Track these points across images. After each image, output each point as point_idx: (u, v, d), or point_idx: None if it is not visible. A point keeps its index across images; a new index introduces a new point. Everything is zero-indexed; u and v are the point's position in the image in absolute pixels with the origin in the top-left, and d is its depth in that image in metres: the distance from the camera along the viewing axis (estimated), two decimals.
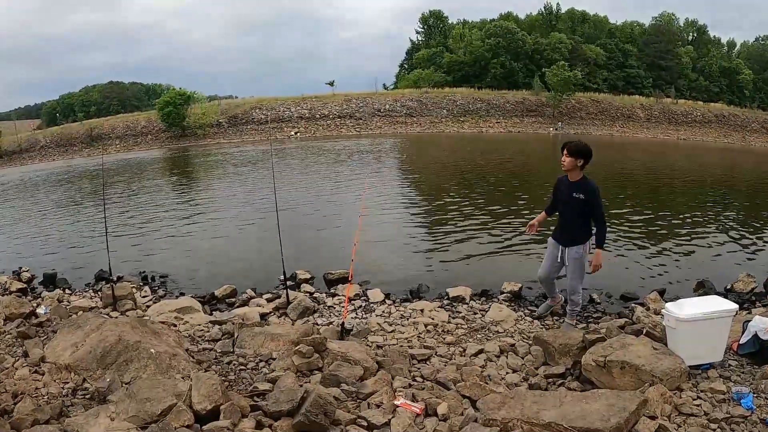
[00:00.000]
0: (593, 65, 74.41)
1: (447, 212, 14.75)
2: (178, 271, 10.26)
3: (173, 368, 4.99)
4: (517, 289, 8.32)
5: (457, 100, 62.12)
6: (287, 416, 4.01)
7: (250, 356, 5.55)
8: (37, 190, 24.63)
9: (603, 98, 65.93)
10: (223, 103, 65.24)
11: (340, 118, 58.87)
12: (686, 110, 64.75)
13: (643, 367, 4.61)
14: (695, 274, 9.29)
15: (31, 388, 4.55)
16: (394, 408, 4.32)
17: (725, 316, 4.93)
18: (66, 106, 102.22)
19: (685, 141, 54.72)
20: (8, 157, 51.99)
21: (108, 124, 59.60)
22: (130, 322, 5.57)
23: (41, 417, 3.82)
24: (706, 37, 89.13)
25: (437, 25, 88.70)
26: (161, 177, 27.78)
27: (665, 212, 14.83)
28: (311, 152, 35.78)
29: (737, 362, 5.09)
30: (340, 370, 4.87)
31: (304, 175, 23.64)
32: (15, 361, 5.23)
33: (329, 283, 9.00)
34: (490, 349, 5.99)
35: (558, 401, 4.23)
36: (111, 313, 7.48)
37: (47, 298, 8.45)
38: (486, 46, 73.97)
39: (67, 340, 5.29)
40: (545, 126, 58.79)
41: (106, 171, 29.58)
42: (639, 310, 7.24)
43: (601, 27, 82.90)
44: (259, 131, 55.52)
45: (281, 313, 7.52)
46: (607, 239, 6.34)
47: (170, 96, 54.74)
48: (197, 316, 7.26)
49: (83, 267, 10.62)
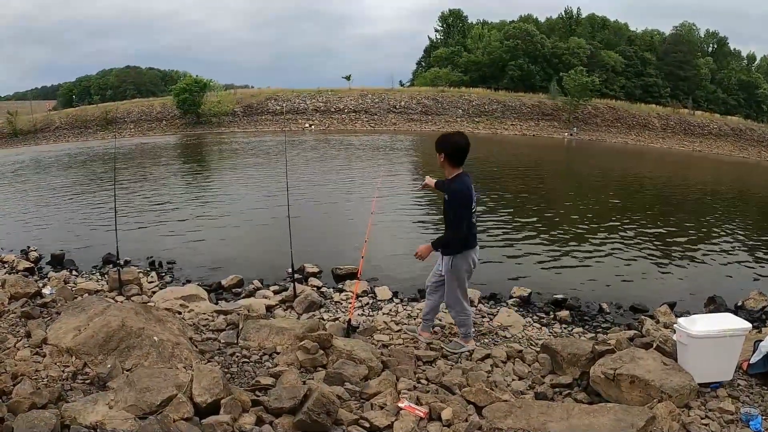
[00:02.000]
0: (611, 72, 73.96)
1: None
2: (186, 259, 10.24)
3: (175, 357, 4.95)
4: (526, 294, 8.25)
5: (473, 100, 61.83)
6: (289, 413, 3.94)
7: (253, 349, 5.49)
8: (50, 171, 24.73)
9: (619, 106, 65.41)
10: (239, 93, 65.24)
11: (355, 112, 58.74)
12: (703, 122, 64.18)
13: (652, 383, 4.51)
14: (706, 289, 9.19)
15: (31, 370, 4.50)
16: (398, 410, 4.25)
17: (738, 335, 4.82)
18: (82, 89, 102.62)
19: (700, 153, 54.31)
20: (23, 136, 52.25)
21: (123, 108, 59.76)
22: (135, 308, 5.53)
23: (39, 401, 3.77)
24: (726, 49, 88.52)
25: (456, 25, 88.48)
26: (174, 163, 27.84)
27: (677, 225, 14.69)
28: (328, 145, 35.75)
29: (747, 382, 4.98)
30: (344, 369, 4.80)
31: (318, 169, 23.60)
32: (17, 341, 5.19)
33: (337, 279, 8.96)
34: (497, 354, 5.91)
35: (565, 413, 4.15)
36: (116, 298, 7.45)
37: (53, 279, 8.45)
38: (504, 48, 73.67)
39: (71, 323, 5.25)
40: (560, 130, 58.46)
41: (119, 155, 29.65)
42: (648, 322, 7.15)
43: (620, 33, 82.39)
44: (274, 122, 55.48)
45: (287, 306, 7.47)
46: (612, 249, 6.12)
47: (186, 83, 54.78)
48: (202, 305, 7.22)
49: (91, 250, 10.63)
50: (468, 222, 5.44)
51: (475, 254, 5.72)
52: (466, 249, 5.59)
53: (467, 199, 5.39)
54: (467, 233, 5.50)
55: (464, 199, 5.38)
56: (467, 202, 5.40)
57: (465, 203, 5.39)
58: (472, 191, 5.45)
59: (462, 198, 5.38)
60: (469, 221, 5.45)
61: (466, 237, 5.54)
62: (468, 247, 5.61)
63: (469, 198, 5.41)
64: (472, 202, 5.46)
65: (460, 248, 5.58)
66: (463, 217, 5.39)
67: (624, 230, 13.41)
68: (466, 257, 5.62)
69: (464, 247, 5.58)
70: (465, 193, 5.39)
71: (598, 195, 20.01)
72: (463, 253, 5.60)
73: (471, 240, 5.63)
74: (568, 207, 16.70)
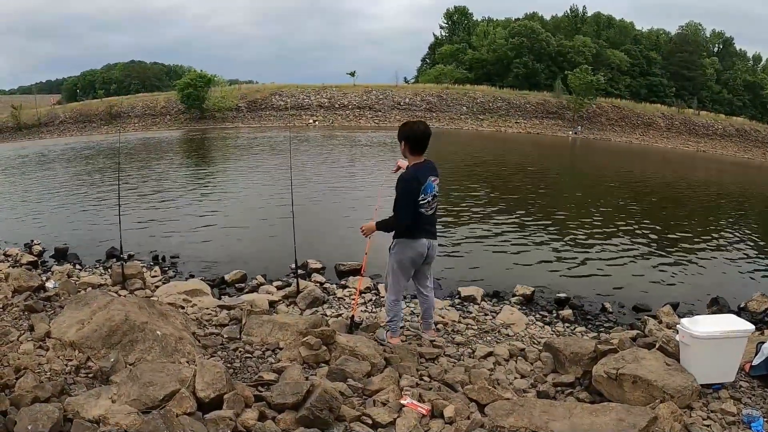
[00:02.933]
0: (616, 71, 73.83)
1: (463, 211, 14.65)
2: (189, 253, 10.25)
3: (178, 351, 4.95)
4: (529, 293, 8.24)
5: (478, 97, 61.79)
6: (291, 409, 3.94)
7: (256, 344, 5.49)
8: (53, 165, 24.76)
9: (624, 105, 65.36)
10: (243, 88, 65.29)
11: (359, 109, 58.78)
12: (707, 122, 64.08)
13: (654, 383, 4.51)
14: (709, 290, 9.17)
15: (34, 364, 4.51)
16: (400, 407, 4.25)
17: (741, 336, 4.81)
18: (87, 83, 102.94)
19: (704, 153, 54.22)
20: (27, 130, 52.36)
21: (127, 102, 59.85)
22: (138, 302, 5.53)
23: (42, 394, 3.77)
24: (731, 50, 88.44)
25: (461, 22, 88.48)
26: (178, 158, 27.86)
27: (681, 225, 14.68)
28: (333, 141, 35.74)
29: (748, 384, 4.97)
30: (347, 365, 4.80)
31: (323, 164, 23.60)
32: (20, 334, 5.20)
33: (340, 275, 8.96)
34: (499, 352, 5.91)
35: (567, 412, 4.15)
36: (119, 292, 7.47)
37: (57, 273, 8.47)
38: (509, 45, 73.57)
39: (74, 317, 5.25)
40: (565, 129, 58.42)
41: (124, 149, 29.67)
42: (651, 322, 7.14)
43: (626, 32, 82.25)
44: (278, 117, 55.59)
45: (290, 302, 7.48)
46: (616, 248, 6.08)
47: (191, 78, 54.95)
48: (206, 300, 7.23)
49: (95, 243, 10.65)
50: (413, 211, 5.35)
51: (422, 247, 5.55)
52: (409, 238, 5.53)
53: (410, 187, 5.31)
54: (411, 223, 5.41)
55: (407, 186, 5.32)
56: (409, 190, 5.31)
57: (407, 190, 5.31)
58: (422, 181, 5.36)
59: (404, 185, 5.33)
60: (414, 211, 5.35)
61: (411, 227, 5.46)
62: (412, 237, 5.52)
63: (413, 187, 5.32)
64: (420, 193, 5.34)
65: (403, 235, 5.52)
66: (405, 205, 5.33)
67: (628, 230, 13.39)
68: (409, 246, 5.53)
69: (408, 236, 5.52)
70: (409, 181, 5.33)
71: (602, 194, 19.98)
72: (405, 241, 5.53)
73: (416, 231, 5.50)
74: (572, 206, 16.69)
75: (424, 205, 5.42)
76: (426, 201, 5.43)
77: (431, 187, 5.45)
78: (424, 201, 5.41)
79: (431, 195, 5.47)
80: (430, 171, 5.47)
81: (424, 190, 5.37)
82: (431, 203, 5.51)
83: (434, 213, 5.65)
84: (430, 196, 5.45)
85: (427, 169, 5.47)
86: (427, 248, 5.61)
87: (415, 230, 5.49)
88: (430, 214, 5.56)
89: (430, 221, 5.60)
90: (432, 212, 5.58)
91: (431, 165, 5.56)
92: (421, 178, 5.36)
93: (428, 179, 5.41)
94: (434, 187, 5.50)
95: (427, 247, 5.60)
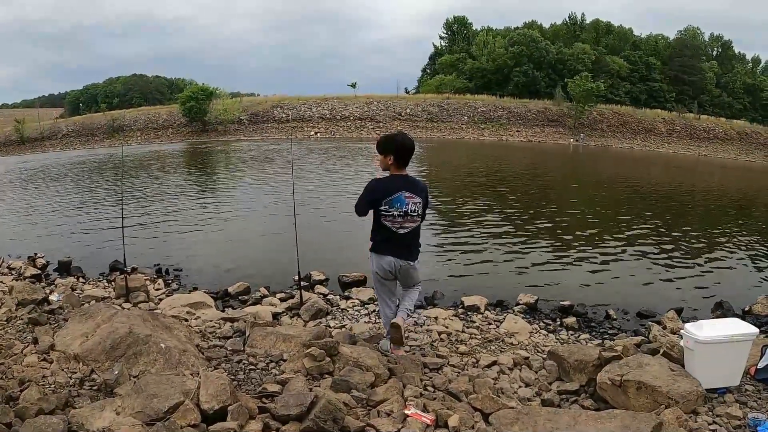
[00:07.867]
0: (616, 77, 73.98)
1: (466, 220, 14.64)
2: (193, 266, 10.26)
3: (182, 364, 4.95)
4: (533, 301, 8.22)
5: (479, 107, 61.95)
6: (295, 420, 3.94)
7: (260, 356, 5.49)
8: (56, 178, 24.81)
9: (625, 111, 65.49)
10: (245, 101, 65.58)
11: (360, 120, 58.93)
12: (708, 126, 64.16)
13: (659, 389, 4.50)
14: (713, 294, 9.15)
15: (39, 376, 4.53)
16: (405, 417, 4.24)
17: (745, 340, 4.81)
18: (89, 97, 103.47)
19: (706, 157, 54.21)
20: (30, 143, 52.59)
21: (130, 115, 60.11)
22: (142, 315, 5.54)
23: (46, 407, 3.79)
24: (730, 53, 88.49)
25: (461, 31, 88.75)
26: (181, 170, 27.91)
27: (684, 230, 14.63)
28: (335, 151, 35.78)
29: (754, 387, 4.96)
30: (351, 376, 4.79)
31: (325, 175, 23.61)
32: (24, 347, 5.21)
33: (344, 286, 8.95)
34: (503, 361, 5.89)
35: (572, 420, 4.14)
36: (123, 304, 7.47)
37: (60, 286, 8.47)
38: (509, 54, 73.85)
39: (78, 330, 5.27)
40: (566, 136, 58.48)
41: (126, 162, 29.75)
42: (655, 328, 7.11)
43: (625, 39, 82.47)
44: (280, 129, 55.73)
45: (294, 314, 7.46)
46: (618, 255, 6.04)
47: (193, 91, 55.22)
48: (209, 312, 7.23)
49: (98, 256, 10.65)
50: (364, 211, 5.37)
51: (388, 265, 5.39)
52: (375, 252, 5.45)
53: (370, 194, 5.29)
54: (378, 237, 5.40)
55: (367, 192, 5.32)
56: (369, 197, 5.28)
57: (367, 189, 5.34)
58: (390, 191, 5.23)
59: (366, 190, 5.34)
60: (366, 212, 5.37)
61: (378, 242, 5.41)
62: (377, 251, 5.43)
63: (372, 194, 5.28)
64: (382, 202, 5.22)
65: (372, 248, 5.49)
66: (359, 203, 5.35)
67: (631, 236, 13.37)
68: (375, 260, 5.46)
69: (374, 250, 5.45)
70: (371, 189, 5.32)
71: (604, 201, 19.98)
72: (372, 254, 5.49)
73: (382, 247, 5.39)
74: (575, 213, 16.67)
75: (388, 217, 5.26)
76: (390, 214, 5.24)
77: (402, 201, 5.23)
78: (388, 213, 5.24)
79: (400, 210, 5.24)
80: (405, 185, 5.28)
81: (390, 201, 5.22)
82: (400, 220, 5.28)
83: (411, 234, 5.39)
84: (396, 210, 5.23)
85: (402, 181, 5.30)
86: (396, 268, 5.43)
87: (382, 246, 5.41)
88: (402, 233, 5.33)
89: (402, 241, 5.37)
90: (406, 232, 5.33)
91: (411, 180, 5.40)
92: (390, 187, 5.25)
93: (399, 192, 5.22)
94: (407, 204, 5.24)
95: (396, 268, 5.42)
